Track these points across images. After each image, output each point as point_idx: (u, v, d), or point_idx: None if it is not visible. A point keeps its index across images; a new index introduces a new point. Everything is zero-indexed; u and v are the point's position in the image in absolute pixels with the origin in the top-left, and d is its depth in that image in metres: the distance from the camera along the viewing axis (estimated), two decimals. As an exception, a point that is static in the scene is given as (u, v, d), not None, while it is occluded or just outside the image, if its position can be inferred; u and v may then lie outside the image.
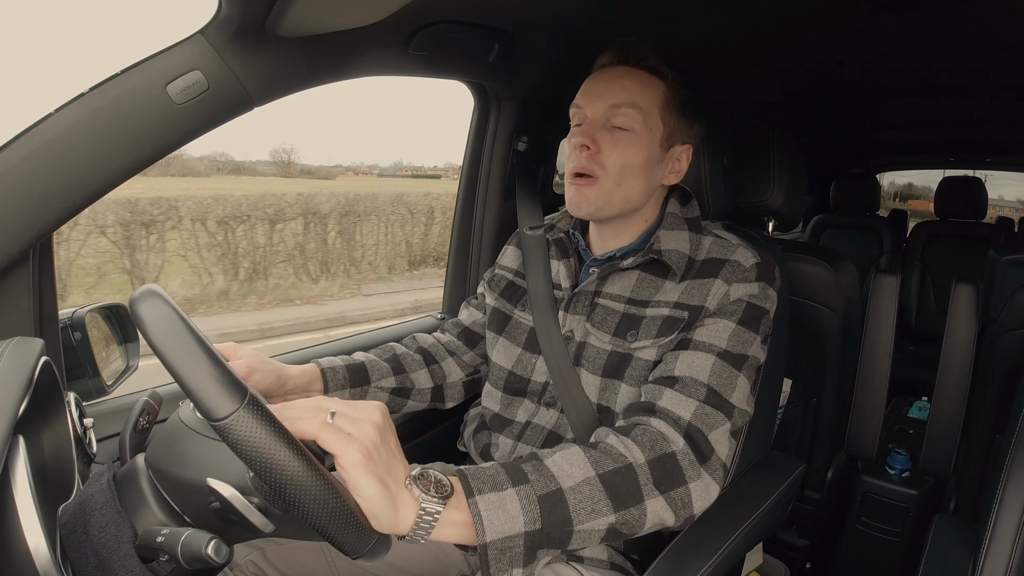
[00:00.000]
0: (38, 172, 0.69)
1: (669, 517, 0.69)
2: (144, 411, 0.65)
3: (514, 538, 0.60)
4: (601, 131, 0.83)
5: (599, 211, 0.85)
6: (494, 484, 0.61)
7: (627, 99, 0.82)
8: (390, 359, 1.00)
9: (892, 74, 1.57)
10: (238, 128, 23.55)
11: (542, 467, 0.65)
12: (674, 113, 0.85)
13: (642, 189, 0.85)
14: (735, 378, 0.78)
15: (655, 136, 0.84)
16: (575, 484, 0.64)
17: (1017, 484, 0.73)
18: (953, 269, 2.53)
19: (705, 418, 0.74)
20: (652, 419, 0.73)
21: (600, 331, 0.87)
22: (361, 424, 0.53)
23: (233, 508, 0.53)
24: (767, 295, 0.83)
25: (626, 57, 0.85)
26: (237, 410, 0.45)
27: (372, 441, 0.53)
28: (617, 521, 0.66)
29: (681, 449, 0.71)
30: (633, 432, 0.72)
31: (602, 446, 0.70)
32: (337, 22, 0.79)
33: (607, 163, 0.82)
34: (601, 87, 0.84)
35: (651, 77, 0.84)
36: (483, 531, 0.58)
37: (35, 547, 0.47)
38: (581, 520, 0.63)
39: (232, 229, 6.28)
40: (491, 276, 1.07)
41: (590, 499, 0.64)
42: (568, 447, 0.69)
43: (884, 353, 1.38)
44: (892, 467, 1.49)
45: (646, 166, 0.84)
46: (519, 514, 0.60)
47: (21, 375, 0.51)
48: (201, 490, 0.54)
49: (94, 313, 0.88)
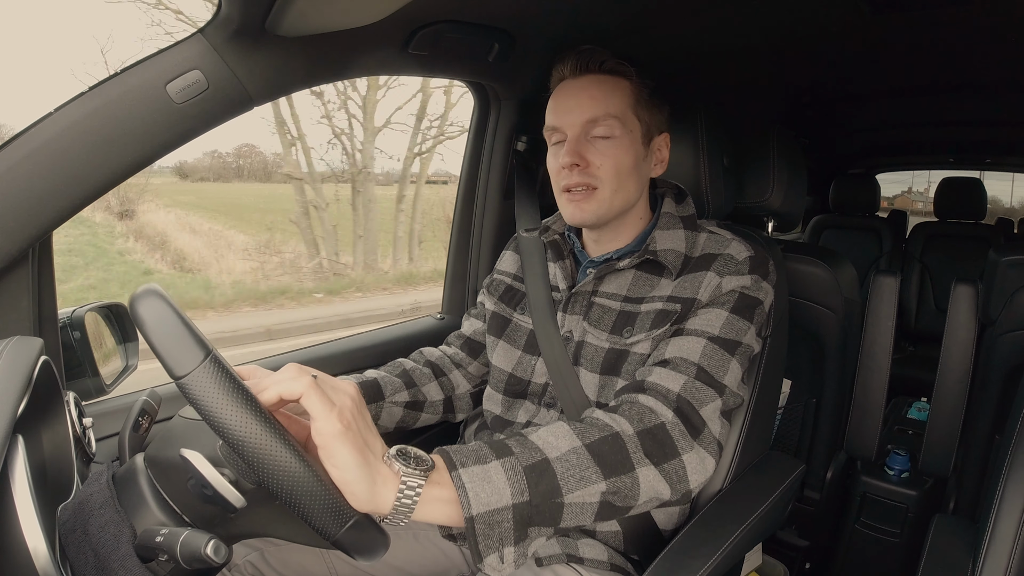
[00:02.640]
0: (38, 171, 0.69)
1: (665, 490, 0.69)
2: (143, 411, 0.65)
3: (502, 511, 0.58)
4: (585, 144, 0.83)
5: (600, 219, 0.86)
6: (477, 457, 0.60)
7: (601, 111, 0.82)
8: (400, 374, 1.00)
9: (892, 74, 1.57)
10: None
11: (526, 441, 0.64)
12: (645, 107, 0.86)
13: (636, 188, 0.87)
14: (727, 361, 0.78)
15: (635, 136, 0.85)
16: (561, 454, 0.63)
17: (1017, 484, 0.73)
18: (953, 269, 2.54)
19: (695, 392, 0.74)
20: (640, 395, 0.73)
21: (597, 329, 0.87)
22: (339, 394, 0.53)
23: (205, 480, 0.53)
24: (760, 287, 0.83)
25: (587, 64, 0.84)
26: (197, 367, 0.46)
27: (351, 411, 0.53)
28: (609, 489, 0.64)
29: (670, 420, 0.71)
30: (621, 408, 0.71)
31: (588, 419, 0.70)
32: (337, 22, 0.79)
33: (600, 173, 0.83)
34: (571, 102, 0.84)
35: (616, 79, 0.84)
36: (468, 504, 0.56)
37: (34, 546, 0.47)
38: (571, 488, 0.62)
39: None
40: (489, 281, 1.07)
41: (578, 467, 0.63)
42: (554, 422, 0.68)
43: (884, 353, 1.38)
44: (891, 467, 1.49)
45: (636, 165, 0.85)
46: (505, 486, 0.59)
47: (20, 374, 0.51)
48: (187, 474, 0.54)
49: (93, 312, 0.88)
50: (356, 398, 0.55)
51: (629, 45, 0.90)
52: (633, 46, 0.91)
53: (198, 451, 0.54)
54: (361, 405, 0.55)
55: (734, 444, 0.93)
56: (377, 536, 0.54)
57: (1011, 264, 1.24)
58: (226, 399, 0.46)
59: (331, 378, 0.55)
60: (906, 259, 2.82)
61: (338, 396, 0.53)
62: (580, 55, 0.84)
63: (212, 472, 0.53)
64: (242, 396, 0.47)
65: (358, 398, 0.55)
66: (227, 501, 0.54)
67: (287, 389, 0.52)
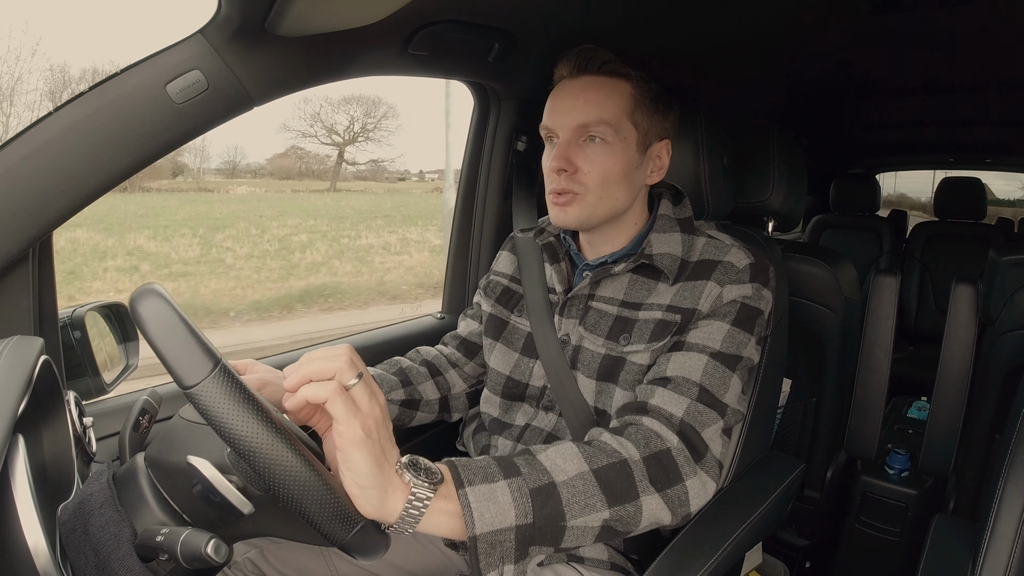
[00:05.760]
0: (38, 171, 0.69)
1: (666, 516, 0.69)
2: (144, 410, 0.65)
3: (505, 532, 0.58)
4: (575, 149, 0.81)
5: (584, 223, 0.85)
6: (485, 476, 0.60)
7: (593, 117, 0.80)
8: (397, 372, 1.00)
9: (892, 74, 1.57)
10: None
11: (535, 461, 0.64)
12: (645, 112, 0.83)
13: (626, 196, 0.84)
14: (728, 378, 0.78)
15: (630, 142, 0.82)
16: (568, 478, 0.63)
17: (1017, 484, 0.73)
18: (953, 269, 2.54)
19: (698, 415, 0.74)
20: (645, 418, 0.73)
21: (593, 334, 0.86)
22: (373, 401, 0.53)
23: (212, 487, 0.53)
24: (761, 295, 0.82)
25: (586, 65, 0.82)
26: (206, 377, 0.46)
27: (376, 419, 0.53)
28: (611, 518, 0.65)
29: (676, 446, 0.71)
30: (627, 431, 0.71)
31: (596, 443, 0.69)
32: (337, 22, 0.79)
33: (586, 180, 0.81)
34: (567, 104, 0.82)
35: (615, 81, 0.82)
36: (472, 523, 0.57)
37: (35, 546, 0.47)
38: (574, 515, 0.62)
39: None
40: (486, 283, 1.06)
41: (583, 493, 0.63)
42: (562, 443, 0.68)
43: (884, 353, 1.38)
44: (891, 467, 1.49)
45: (626, 173, 0.83)
46: (510, 507, 0.59)
47: (21, 374, 0.51)
48: (192, 479, 0.54)
49: (94, 312, 0.88)
50: (384, 407, 0.55)
51: (630, 44, 0.90)
52: (633, 45, 0.91)
53: (204, 457, 0.54)
54: (386, 414, 0.55)
55: (734, 444, 0.93)
56: (379, 538, 0.54)
57: (1011, 264, 1.24)
58: (237, 410, 0.46)
59: (373, 383, 0.55)
60: (906, 259, 2.82)
61: (371, 404, 0.53)
62: (580, 55, 0.82)
63: (220, 479, 0.53)
64: (253, 407, 0.47)
65: (385, 407, 0.55)
66: (234, 507, 0.54)
67: (313, 394, 0.51)
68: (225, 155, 27.71)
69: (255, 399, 0.48)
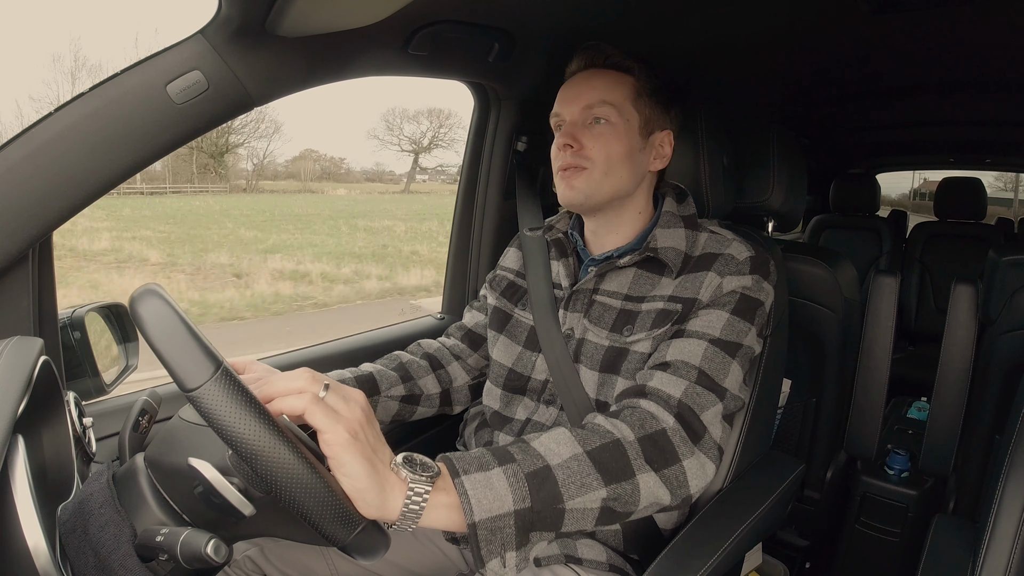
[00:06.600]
0: (38, 172, 0.69)
1: (665, 495, 0.69)
2: (143, 411, 0.65)
3: (504, 517, 0.59)
4: (581, 129, 0.87)
5: (589, 198, 0.87)
6: (480, 464, 0.61)
7: (597, 98, 0.86)
8: (397, 367, 1.00)
9: (892, 74, 1.57)
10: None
11: (528, 447, 0.65)
12: (647, 102, 0.89)
13: (629, 177, 0.88)
14: (728, 364, 0.78)
15: (633, 125, 0.87)
16: (563, 460, 0.64)
17: (1017, 484, 0.73)
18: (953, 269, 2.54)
19: (696, 397, 0.74)
20: (642, 400, 0.74)
21: (597, 327, 0.88)
22: (350, 404, 0.54)
23: (214, 489, 0.53)
24: (761, 287, 0.84)
25: (592, 60, 0.89)
26: (208, 380, 0.46)
27: (359, 421, 0.54)
28: (609, 496, 0.65)
29: (671, 426, 0.71)
30: (623, 414, 0.72)
31: (590, 426, 0.70)
32: (337, 22, 0.79)
33: (592, 155, 0.86)
34: (574, 91, 0.89)
35: (618, 74, 0.88)
36: (471, 511, 0.58)
37: (34, 546, 0.47)
38: (571, 495, 0.63)
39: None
40: (492, 277, 1.08)
41: (579, 474, 0.64)
42: (555, 428, 0.69)
43: (883, 353, 1.38)
44: (891, 467, 1.49)
45: (629, 154, 0.87)
46: (507, 492, 0.60)
47: (20, 374, 0.51)
48: (193, 481, 0.54)
49: (93, 312, 0.88)
50: (366, 407, 0.56)
51: (630, 44, 0.90)
52: (633, 45, 0.92)
53: (204, 458, 0.54)
54: (369, 414, 0.56)
55: (734, 444, 0.93)
56: (380, 538, 0.55)
57: (1011, 264, 1.24)
58: (239, 413, 0.46)
59: (343, 386, 0.56)
60: (906, 259, 2.82)
61: (349, 407, 0.54)
62: (586, 51, 0.89)
63: (222, 481, 0.53)
64: (255, 410, 0.47)
65: (367, 407, 0.56)
66: (235, 509, 0.54)
67: (289, 406, 0.52)
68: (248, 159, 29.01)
69: (257, 402, 0.48)
